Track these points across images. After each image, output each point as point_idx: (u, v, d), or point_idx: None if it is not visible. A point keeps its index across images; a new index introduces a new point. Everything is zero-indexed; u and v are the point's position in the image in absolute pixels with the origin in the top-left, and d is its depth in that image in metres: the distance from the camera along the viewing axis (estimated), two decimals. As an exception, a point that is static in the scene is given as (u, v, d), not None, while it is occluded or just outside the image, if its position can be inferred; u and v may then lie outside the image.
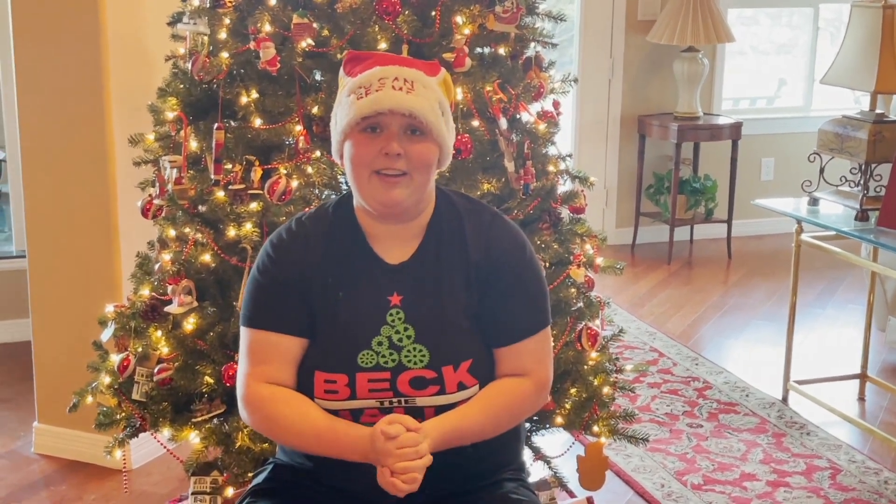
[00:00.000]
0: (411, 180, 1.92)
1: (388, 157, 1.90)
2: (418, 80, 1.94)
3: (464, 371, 1.92)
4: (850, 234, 3.86)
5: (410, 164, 1.91)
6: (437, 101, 1.95)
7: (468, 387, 1.93)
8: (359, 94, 1.91)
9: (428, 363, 1.92)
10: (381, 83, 1.91)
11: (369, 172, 1.91)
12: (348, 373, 1.91)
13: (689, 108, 6.22)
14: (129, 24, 3.46)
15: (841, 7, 6.96)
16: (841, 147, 4.03)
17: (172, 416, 2.77)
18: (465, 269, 1.98)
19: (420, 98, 1.91)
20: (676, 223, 6.24)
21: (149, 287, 2.81)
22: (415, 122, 1.91)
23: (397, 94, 1.90)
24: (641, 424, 3.91)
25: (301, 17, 2.61)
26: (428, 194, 1.99)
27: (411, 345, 1.93)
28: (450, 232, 2.00)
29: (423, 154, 1.92)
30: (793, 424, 4.05)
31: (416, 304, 1.95)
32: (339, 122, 1.95)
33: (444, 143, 1.97)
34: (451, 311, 1.96)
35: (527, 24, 2.86)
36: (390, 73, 1.93)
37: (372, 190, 1.92)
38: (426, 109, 1.91)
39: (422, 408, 1.93)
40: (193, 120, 2.77)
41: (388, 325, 1.94)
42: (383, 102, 1.89)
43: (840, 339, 5.04)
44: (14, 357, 4.51)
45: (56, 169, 3.54)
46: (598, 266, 2.98)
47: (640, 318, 5.24)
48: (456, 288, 1.97)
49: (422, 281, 1.97)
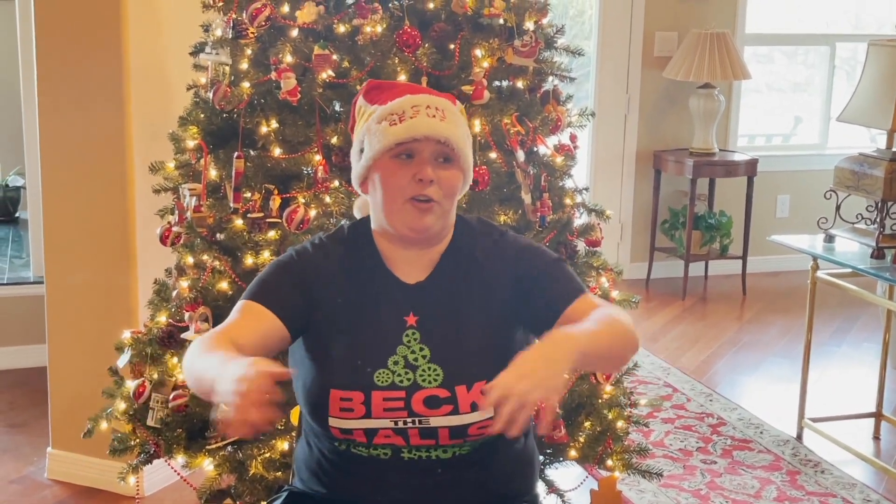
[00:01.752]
0: (440, 207, 1.94)
1: (422, 183, 1.91)
2: (449, 109, 1.97)
3: (477, 391, 1.92)
4: (865, 272, 3.85)
5: (441, 191, 1.93)
6: (465, 130, 1.99)
7: (481, 408, 1.93)
8: (391, 121, 1.93)
9: (442, 382, 1.93)
10: (415, 110, 1.93)
11: (403, 199, 1.93)
12: (364, 391, 1.92)
13: (705, 143, 6.23)
14: (151, 53, 3.49)
15: (857, 46, 6.99)
16: (857, 185, 4.03)
17: (187, 442, 2.77)
18: (480, 291, 1.99)
19: (452, 125, 1.94)
20: (691, 259, 6.24)
21: (166, 314, 2.82)
22: (446, 150, 1.93)
23: (432, 122, 1.92)
24: (655, 460, 3.89)
25: (322, 49, 2.64)
26: (452, 220, 2.01)
27: (426, 364, 1.94)
28: (466, 255, 2.02)
29: (452, 181, 1.95)
30: (807, 462, 4.03)
31: (431, 325, 1.96)
32: (371, 147, 1.95)
33: (468, 171, 2.00)
34: (466, 331, 1.97)
35: (545, 59, 2.89)
36: (423, 101, 1.95)
37: (405, 216, 1.93)
38: (458, 137, 1.94)
39: (436, 429, 1.93)
40: (213, 148, 2.79)
41: (403, 345, 1.95)
42: (420, 128, 1.91)
43: (855, 377, 5.02)
44: (29, 382, 4.53)
45: (75, 196, 3.56)
46: (614, 299, 2.98)
47: (655, 353, 5.23)
48: (471, 309, 1.98)
49: (437, 301, 1.98)
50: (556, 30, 2.93)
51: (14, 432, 4.12)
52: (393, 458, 1.95)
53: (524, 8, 2.81)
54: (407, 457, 1.95)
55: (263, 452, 2.63)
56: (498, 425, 1.66)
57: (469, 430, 1.94)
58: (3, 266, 5.25)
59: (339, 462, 1.99)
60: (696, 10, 6.36)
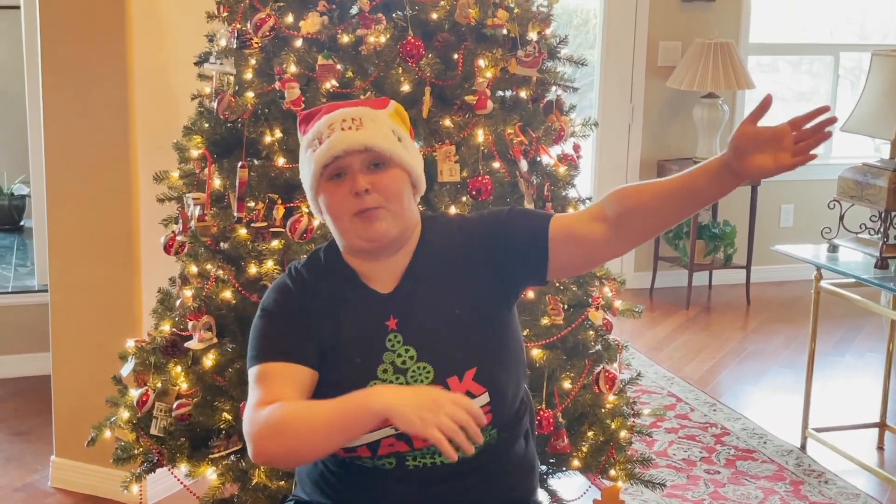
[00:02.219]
0: (388, 210, 1.93)
1: (359, 196, 1.91)
2: (365, 116, 1.96)
3: (469, 380, 1.93)
4: (869, 282, 3.85)
5: (381, 196, 1.92)
6: (389, 130, 1.97)
7: (476, 395, 1.93)
8: (313, 147, 1.95)
9: (433, 378, 1.93)
10: (331, 129, 1.94)
11: (348, 217, 1.93)
12: None
13: (709, 153, 6.23)
14: (156, 63, 3.51)
15: (861, 55, 6.98)
16: (861, 194, 4.03)
17: (190, 451, 2.78)
18: (455, 281, 1.99)
19: (369, 131, 1.94)
20: (695, 268, 6.24)
21: (170, 323, 2.83)
22: (373, 156, 1.93)
23: (347, 134, 1.92)
24: (658, 469, 3.89)
25: (326, 59, 2.65)
26: (412, 222, 2.00)
27: (415, 365, 1.94)
28: (435, 250, 2.02)
29: (391, 183, 1.94)
30: (811, 472, 4.02)
31: (411, 324, 1.96)
32: (305, 179, 1.98)
33: (412, 168, 1.98)
34: (447, 324, 1.97)
35: (548, 69, 2.90)
36: (337, 117, 1.96)
37: (355, 230, 1.93)
38: (378, 139, 1.93)
39: None
40: (218, 158, 2.80)
41: (389, 351, 1.95)
42: (337, 146, 1.91)
43: (859, 387, 5.01)
44: (33, 390, 4.53)
45: (80, 205, 3.57)
46: (617, 309, 2.98)
47: (658, 363, 5.23)
48: (449, 301, 1.98)
49: (414, 301, 1.98)
50: (559, 40, 2.94)
51: (18, 440, 4.12)
52: (397, 467, 1.95)
53: (527, 18, 2.82)
54: (411, 465, 1.95)
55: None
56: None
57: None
58: (8, 274, 5.27)
59: (343, 474, 1.99)
60: (699, 20, 6.37)
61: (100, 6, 3.42)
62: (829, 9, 7.12)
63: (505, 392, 1.99)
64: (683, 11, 6.37)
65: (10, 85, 6.20)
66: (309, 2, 2.73)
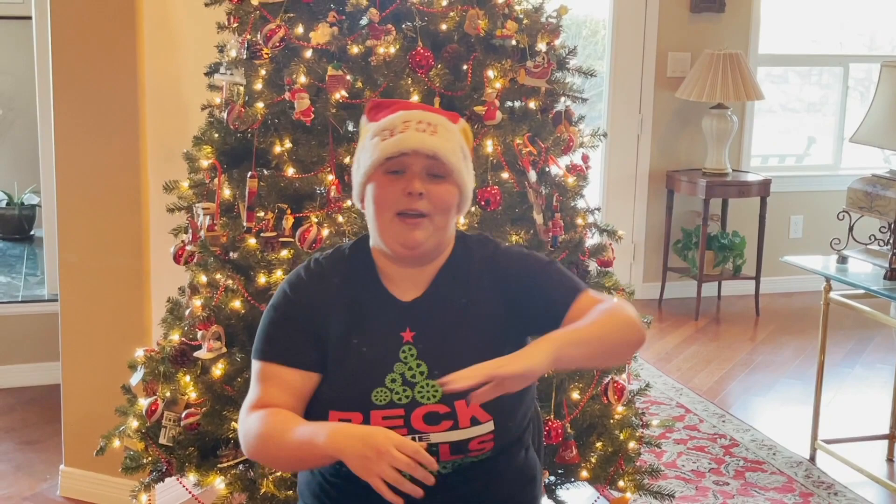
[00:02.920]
0: (431, 222, 1.94)
1: (411, 196, 1.91)
2: (441, 124, 1.97)
3: (476, 406, 1.93)
4: (879, 293, 3.84)
5: (432, 206, 1.93)
6: (459, 146, 1.98)
7: (481, 422, 1.93)
8: (383, 136, 1.94)
9: (440, 398, 1.93)
10: (406, 125, 1.94)
11: (392, 214, 1.93)
12: (363, 411, 1.92)
13: (718, 164, 6.23)
14: (166, 73, 3.52)
15: (871, 66, 6.98)
16: (870, 206, 4.02)
17: (198, 461, 2.78)
18: (474, 306, 1.99)
19: (443, 140, 1.94)
20: (704, 279, 6.23)
21: (179, 332, 2.84)
22: (437, 165, 1.93)
23: (421, 136, 1.92)
24: (667, 481, 3.88)
25: (336, 70, 2.66)
26: (447, 238, 2.01)
27: (424, 381, 1.94)
28: (462, 271, 2.02)
29: (444, 196, 1.94)
30: (820, 484, 4.01)
31: (427, 341, 1.96)
32: (363, 164, 1.97)
33: (465, 187, 1.98)
34: (463, 346, 1.97)
35: (557, 79, 2.90)
36: (414, 116, 1.96)
37: (393, 231, 1.94)
38: (448, 151, 1.94)
39: (437, 445, 1.93)
40: (227, 168, 2.81)
41: (401, 362, 1.95)
42: (408, 143, 1.92)
43: (869, 398, 4.99)
44: (43, 400, 4.54)
45: (90, 214, 3.59)
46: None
47: (667, 374, 5.22)
48: (468, 323, 1.98)
49: (433, 317, 1.98)
50: (568, 51, 2.95)
51: (27, 450, 4.13)
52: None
53: (536, 29, 2.82)
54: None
55: (274, 471, 2.63)
56: (461, 382, 1.73)
57: (470, 445, 1.94)
58: (18, 284, 5.28)
59: (341, 484, 1.99)
60: (709, 31, 6.37)
61: (111, 17, 3.44)
62: (839, 20, 7.12)
63: (511, 419, 2.00)
64: (693, 22, 6.38)
65: (22, 95, 6.23)
66: (319, 13, 2.75)
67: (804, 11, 6.97)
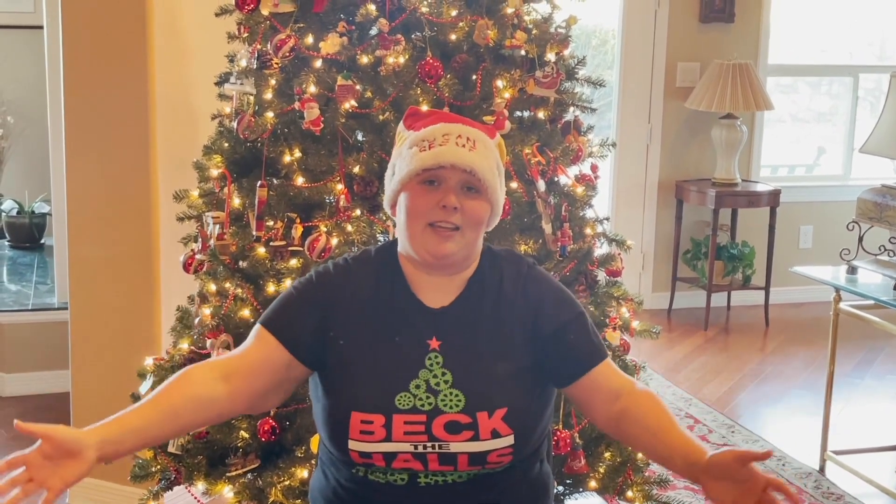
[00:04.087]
0: (462, 236, 1.95)
1: (445, 209, 1.93)
2: (480, 140, 1.99)
3: (498, 419, 1.93)
4: (888, 304, 3.83)
5: (464, 220, 1.94)
6: (495, 162, 2.00)
7: (502, 435, 1.93)
8: (422, 147, 1.95)
9: (463, 408, 1.93)
10: (445, 138, 1.95)
11: (424, 224, 1.94)
12: (385, 413, 1.92)
13: (728, 174, 6.23)
14: (176, 83, 3.53)
15: (881, 77, 6.97)
16: (880, 216, 4.02)
17: (207, 469, 2.78)
18: (504, 320, 2.00)
19: (481, 156, 1.96)
20: (713, 289, 6.22)
21: (188, 341, 2.84)
22: (472, 180, 1.94)
23: (460, 151, 1.94)
24: (676, 491, 3.86)
25: (345, 79, 2.67)
26: (476, 251, 2.02)
27: (448, 389, 1.94)
28: (491, 284, 2.03)
29: (477, 211, 1.96)
30: (830, 495, 4.00)
31: (454, 349, 1.97)
32: (399, 171, 1.98)
33: (496, 203, 2.01)
34: (489, 358, 1.97)
35: (566, 89, 2.90)
36: (454, 130, 1.97)
37: (425, 241, 1.95)
38: (485, 168, 1.95)
39: (455, 455, 1.93)
40: (237, 177, 2.82)
41: (426, 369, 1.95)
42: (446, 156, 1.93)
43: (878, 410, 4.98)
44: (52, 408, 4.55)
45: (100, 223, 3.60)
46: (634, 330, 2.98)
47: (676, 384, 5.21)
48: (495, 337, 1.99)
49: (461, 326, 1.99)
50: (577, 61, 2.95)
51: (36, 457, 4.13)
52: (409, 483, 1.95)
53: (546, 39, 2.83)
54: (423, 482, 1.95)
55: (283, 480, 2.63)
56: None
57: (488, 457, 1.94)
58: (28, 292, 5.30)
59: (356, 489, 1.99)
60: (718, 41, 6.38)
61: (122, 26, 3.45)
62: (849, 30, 7.11)
63: (531, 434, 2.00)
64: (702, 32, 6.38)
65: (33, 104, 6.25)
66: (328, 23, 2.76)
67: (814, 21, 6.97)
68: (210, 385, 1.93)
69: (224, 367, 1.97)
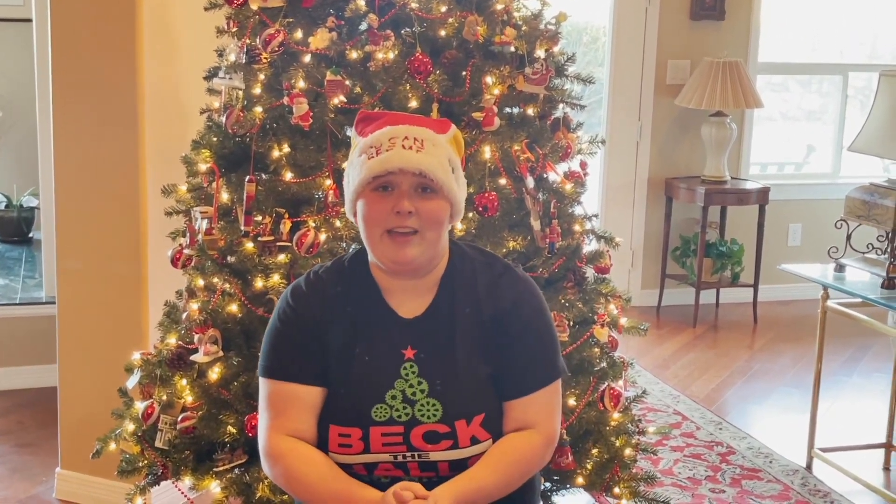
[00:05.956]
0: (423, 238, 1.94)
1: (400, 215, 1.91)
2: (428, 139, 1.96)
3: (476, 425, 1.93)
4: (876, 302, 3.84)
5: (422, 222, 1.93)
6: (446, 159, 1.97)
7: (481, 441, 1.93)
8: (370, 154, 1.94)
9: (441, 417, 1.93)
10: (392, 143, 1.94)
11: (381, 231, 1.93)
12: (362, 427, 1.92)
13: (717, 171, 6.24)
14: (165, 77, 3.53)
15: (871, 76, 6.99)
16: (868, 214, 4.03)
17: (194, 464, 2.78)
18: (477, 323, 1.99)
19: (429, 156, 1.93)
20: (702, 286, 6.23)
21: (175, 336, 2.84)
22: (425, 181, 1.93)
23: (407, 153, 1.92)
24: (663, 488, 3.88)
25: (334, 75, 2.66)
26: (441, 249, 2.00)
27: (424, 399, 1.94)
28: (463, 286, 2.01)
29: (434, 211, 1.94)
30: (816, 492, 4.01)
31: (429, 358, 1.96)
32: (352, 181, 1.98)
33: (455, 200, 1.98)
34: (464, 365, 1.97)
35: (556, 86, 2.90)
36: (400, 132, 1.95)
37: (384, 248, 1.94)
38: (435, 167, 1.93)
39: (435, 462, 1.93)
40: (226, 172, 2.81)
41: (402, 379, 1.95)
42: (393, 161, 1.91)
43: (866, 407, 4.99)
44: (39, 402, 4.54)
45: (88, 217, 3.59)
46: (622, 326, 2.98)
47: (664, 381, 5.22)
48: (469, 342, 1.98)
49: (435, 335, 1.98)
50: (567, 58, 2.94)
51: (23, 452, 4.13)
52: (392, 484, 1.95)
53: (535, 36, 2.82)
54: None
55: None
56: None
57: (469, 462, 1.94)
58: (16, 286, 5.28)
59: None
60: (708, 39, 6.38)
61: (111, 20, 3.44)
62: (839, 29, 7.12)
63: None
64: (692, 30, 6.39)
65: (21, 97, 6.23)
66: (318, 18, 2.75)
67: (804, 19, 6.98)
68: (313, 449, 1.97)
69: (294, 433, 1.97)
